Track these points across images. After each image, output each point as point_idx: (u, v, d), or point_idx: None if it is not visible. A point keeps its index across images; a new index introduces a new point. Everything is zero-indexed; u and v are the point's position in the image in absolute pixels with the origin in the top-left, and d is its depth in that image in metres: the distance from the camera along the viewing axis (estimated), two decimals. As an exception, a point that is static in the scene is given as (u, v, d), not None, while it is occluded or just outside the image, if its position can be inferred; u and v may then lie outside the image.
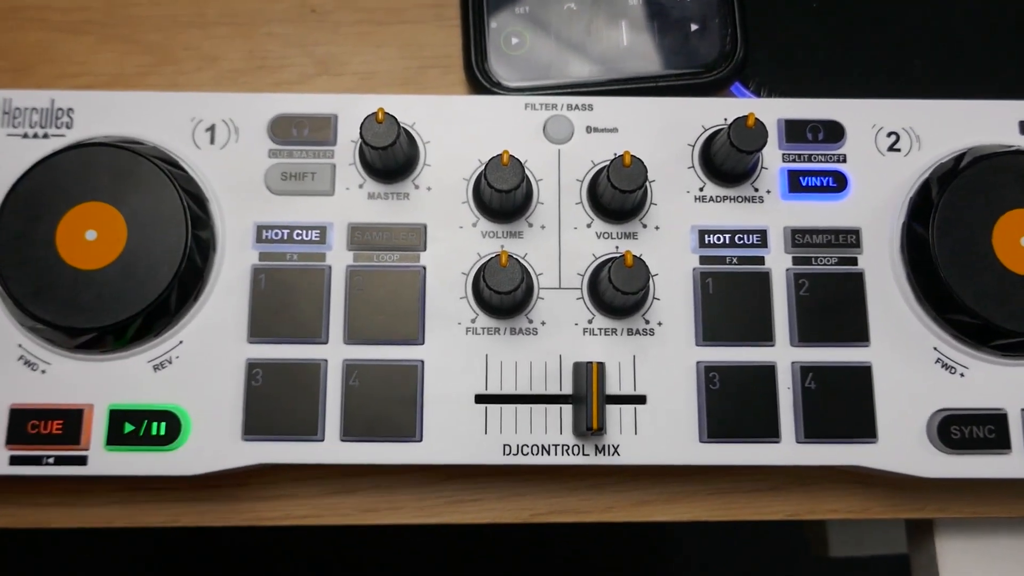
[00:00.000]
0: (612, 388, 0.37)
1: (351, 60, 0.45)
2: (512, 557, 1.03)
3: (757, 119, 0.36)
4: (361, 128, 0.36)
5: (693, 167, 0.39)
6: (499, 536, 1.00)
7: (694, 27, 0.43)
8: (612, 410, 0.37)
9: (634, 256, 0.35)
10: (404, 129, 0.39)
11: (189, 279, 0.37)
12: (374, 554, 1.02)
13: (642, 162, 0.36)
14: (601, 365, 0.36)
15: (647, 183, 0.39)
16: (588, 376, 0.35)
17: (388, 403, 0.37)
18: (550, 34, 0.43)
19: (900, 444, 0.37)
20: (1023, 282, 0.36)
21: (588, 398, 0.35)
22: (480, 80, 0.43)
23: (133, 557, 1.03)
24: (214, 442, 0.37)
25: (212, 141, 0.40)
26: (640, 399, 0.37)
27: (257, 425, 0.37)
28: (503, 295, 0.35)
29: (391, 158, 0.38)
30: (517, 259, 0.36)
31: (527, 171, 0.39)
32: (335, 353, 0.37)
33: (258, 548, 1.01)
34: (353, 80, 0.45)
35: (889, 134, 0.40)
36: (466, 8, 0.44)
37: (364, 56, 0.45)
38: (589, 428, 0.35)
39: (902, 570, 0.49)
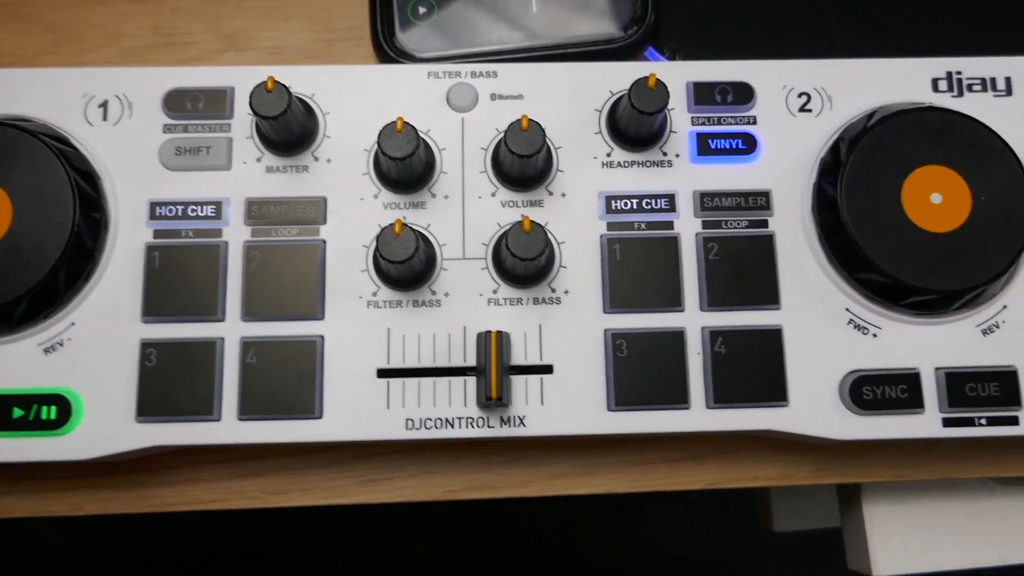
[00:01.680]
0: (518, 358, 0.36)
1: (258, 35, 0.44)
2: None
3: (658, 80, 0.36)
4: (251, 98, 0.35)
5: (600, 132, 0.38)
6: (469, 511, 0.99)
7: (603, -9, 0.42)
8: (518, 381, 0.36)
9: (532, 222, 0.34)
10: (301, 100, 0.38)
11: (78, 259, 0.36)
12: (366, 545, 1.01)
13: (540, 125, 0.35)
14: (501, 334, 0.35)
15: (553, 149, 0.38)
16: (487, 345, 0.34)
17: (287, 380, 0.36)
18: (457, 4, 0.42)
19: (812, 407, 0.36)
20: (933, 239, 0.36)
21: (487, 367, 0.34)
22: (388, 51, 0.42)
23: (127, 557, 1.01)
24: (107, 425, 0.35)
25: (105, 117, 0.38)
26: (547, 369, 0.36)
27: (151, 406, 0.35)
28: (398, 264, 0.34)
29: (285, 129, 0.37)
30: (412, 227, 0.35)
31: (429, 140, 0.38)
32: (232, 330, 0.36)
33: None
34: (261, 55, 0.44)
35: (800, 95, 0.39)
36: (371, -22, 0.43)
37: (272, 31, 0.44)
38: (488, 398, 0.34)
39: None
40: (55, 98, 0.38)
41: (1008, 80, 0.39)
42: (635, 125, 0.37)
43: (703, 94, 0.39)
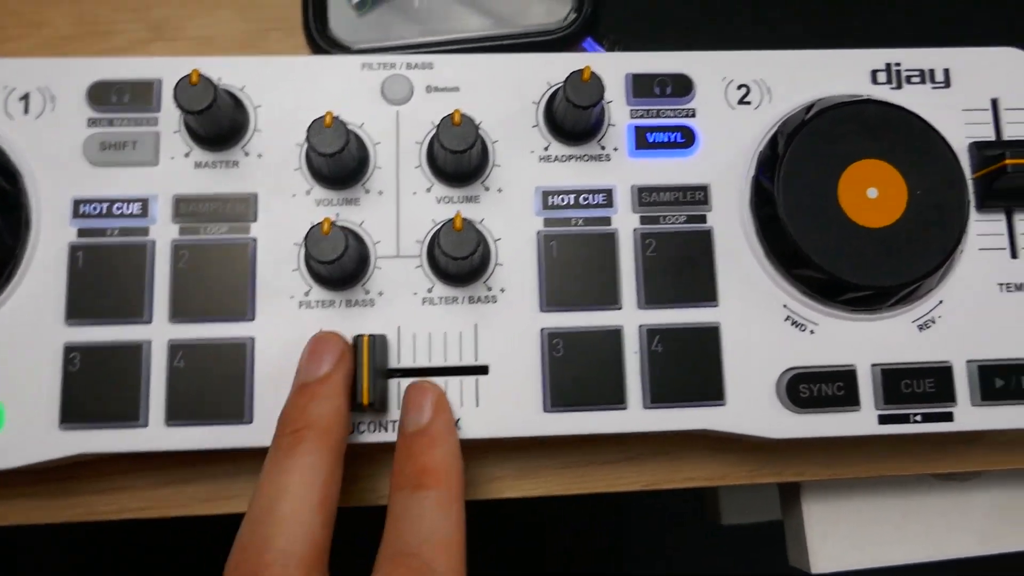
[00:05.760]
0: (452, 359, 0.36)
1: (187, 24, 0.43)
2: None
3: (593, 72, 0.35)
4: (175, 91, 0.34)
5: (538, 125, 0.38)
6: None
7: (541, -19, 0.41)
8: (454, 382, 0.36)
9: (464, 219, 0.34)
10: (230, 92, 0.37)
11: (-3, 260, 0.35)
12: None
13: (472, 120, 0.34)
14: (374, 338, 0.34)
15: (489, 143, 0.37)
16: (359, 349, 0.34)
17: (216, 384, 0.35)
18: (392, -9, 0.41)
19: (749, 405, 0.36)
20: (869, 235, 0.35)
21: (359, 372, 0.33)
22: (319, 42, 0.41)
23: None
24: (29, 433, 0.34)
25: (26, 111, 0.37)
26: (482, 369, 0.36)
27: (75, 413, 0.34)
28: (327, 264, 0.33)
29: (213, 123, 0.35)
30: (343, 226, 0.34)
31: (363, 134, 0.37)
32: (159, 333, 0.35)
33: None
34: (190, 45, 0.43)
35: (739, 87, 0.38)
36: (304, -35, 0.41)
37: (201, 19, 0.43)
38: (359, 404, 0.33)
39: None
40: (-28, 91, 0.37)
41: (946, 72, 0.39)
42: (571, 119, 0.36)
43: (641, 86, 0.38)
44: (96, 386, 0.35)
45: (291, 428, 0.32)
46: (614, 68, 0.38)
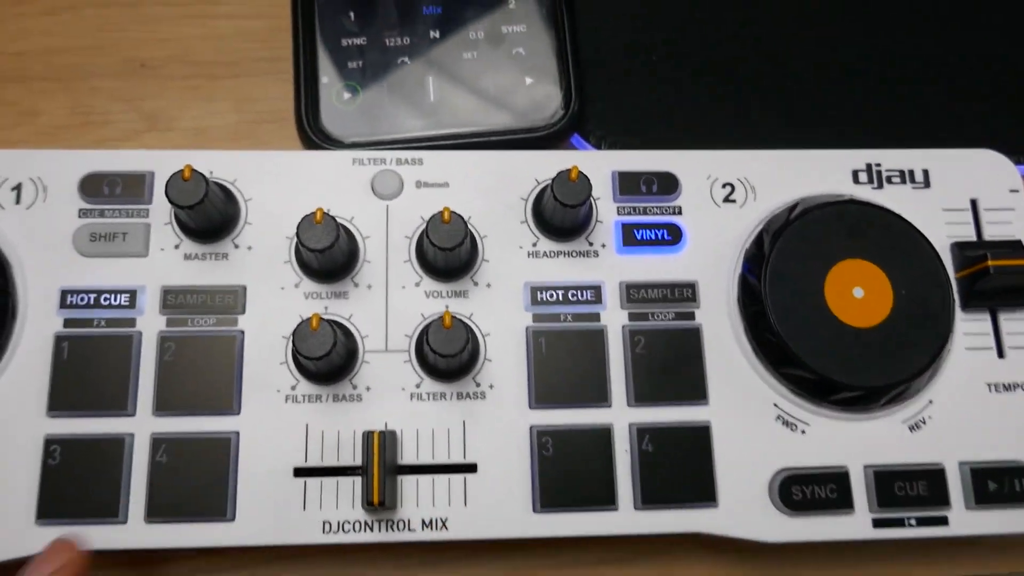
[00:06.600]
0: (441, 456, 0.35)
1: (181, 115, 0.43)
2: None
3: (580, 172, 0.35)
4: (167, 187, 0.34)
5: (526, 221, 0.38)
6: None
7: (529, 81, 0.42)
8: (441, 480, 0.35)
9: (453, 316, 0.33)
10: (223, 186, 0.37)
11: (-19, 350, 0.34)
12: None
13: (462, 218, 0.35)
14: (384, 434, 0.34)
15: (478, 238, 0.37)
16: (369, 445, 0.33)
17: (198, 480, 0.34)
18: (384, 89, 0.42)
19: (741, 508, 0.35)
20: (857, 334, 0.35)
21: (369, 469, 0.33)
22: (311, 136, 0.41)
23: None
24: (5, 528, 0.34)
25: (18, 201, 0.37)
26: (471, 467, 0.35)
27: (52, 508, 0.34)
28: (316, 361, 0.33)
29: (204, 217, 0.36)
30: (331, 321, 0.34)
31: (352, 228, 0.37)
32: (142, 426, 0.35)
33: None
34: (183, 136, 0.43)
35: (724, 185, 0.39)
36: (297, 61, 0.42)
37: (195, 111, 0.43)
38: (369, 503, 0.33)
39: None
40: (-36, 181, 0.37)
41: (926, 172, 0.39)
42: (559, 216, 0.36)
43: (628, 184, 0.39)
44: (76, 480, 0.34)
45: None
46: (600, 166, 0.39)
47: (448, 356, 0.33)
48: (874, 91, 0.43)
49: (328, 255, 0.35)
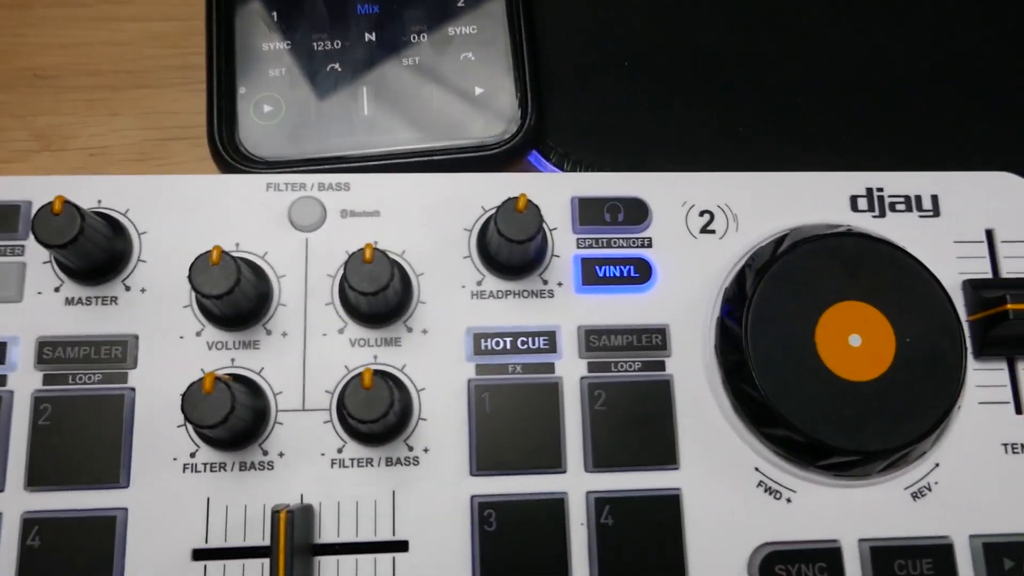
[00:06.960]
0: (366, 532, 0.30)
1: (79, 133, 0.38)
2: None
3: (529, 201, 0.30)
4: (33, 222, 0.29)
5: (470, 256, 0.33)
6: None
7: (479, 91, 0.37)
8: (365, 561, 0.30)
9: (374, 374, 0.28)
10: (110, 218, 0.32)
11: None
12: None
13: (386, 256, 0.29)
14: (293, 512, 0.28)
15: (414, 276, 0.32)
16: (275, 526, 0.28)
17: (76, 567, 0.29)
18: (310, 100, 0.37)
19: (716, 592, 0.30)
20: (853, 390, 0.31)
21: (275, 553, 0.28)
22: (225, 155, 0.36)
23: None
24: None
25: None
26: (401, 545, 0.30)
27: (-101, 607, 0.28)
28: (209, 428, 0.28)
29: (83, 255, 0.30)
30: (229, 378, 0.28)
31: (265, 265, 0.32)
32: (11, 504, 0.30)
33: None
34: (80, 157, 0.38)
35: (702, 213, 0.34)
36: (211, 69, 0.37)
37: (95, 128, 0.38)
38: None
39: None
40: None
41: (934, 198, 0.35)
42: (506, 252, 0.31)
43: (590, 212, 0.34)
44: (-73, 573, 0.29)
45: None
46: (559, 191, 0.34)
47: (368, 422, 0.28)
48: (875, 106, 0.39)
49: (228, 301, 0.29)
